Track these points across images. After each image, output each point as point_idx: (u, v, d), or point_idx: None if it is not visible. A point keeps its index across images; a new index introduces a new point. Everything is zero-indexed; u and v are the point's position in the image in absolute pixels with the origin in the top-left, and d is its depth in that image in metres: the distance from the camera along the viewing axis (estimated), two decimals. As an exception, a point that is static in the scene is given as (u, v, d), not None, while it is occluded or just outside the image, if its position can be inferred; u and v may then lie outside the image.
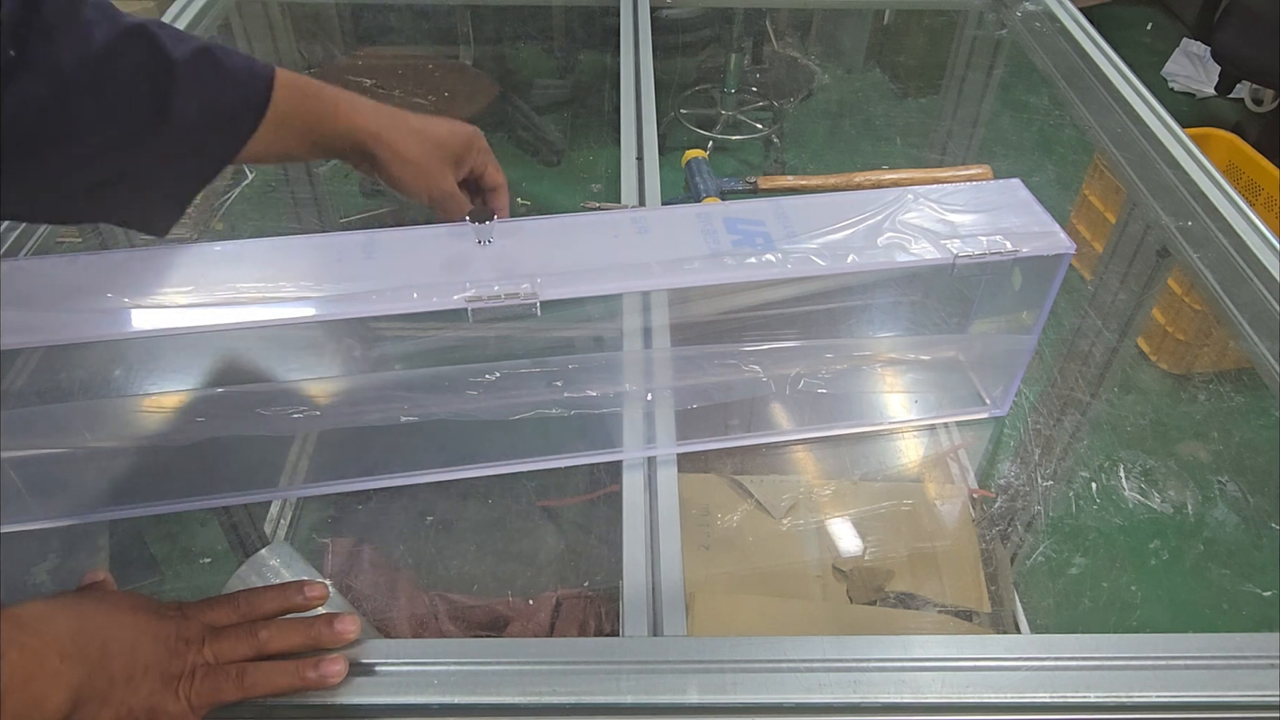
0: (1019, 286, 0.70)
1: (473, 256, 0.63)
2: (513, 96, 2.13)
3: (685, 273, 0.61)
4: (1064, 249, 0.66)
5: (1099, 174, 1.33)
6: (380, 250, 0.63)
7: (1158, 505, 0.86)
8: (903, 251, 0.64)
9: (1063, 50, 1.22)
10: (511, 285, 0.59)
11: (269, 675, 0.51)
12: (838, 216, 0.66)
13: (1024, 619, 0.85)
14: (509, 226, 0.65)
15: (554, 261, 0.62)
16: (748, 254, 0.62)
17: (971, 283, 0.68)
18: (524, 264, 0.61)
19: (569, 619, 0.82)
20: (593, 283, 0.61)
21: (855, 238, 0.65)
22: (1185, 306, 1.20)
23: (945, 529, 0.84)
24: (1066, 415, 0.92)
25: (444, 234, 0.65)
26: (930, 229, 0.66)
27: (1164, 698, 0.52)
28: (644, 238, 0.64)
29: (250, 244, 0.64)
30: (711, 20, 2.23)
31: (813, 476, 0.88)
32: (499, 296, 0.58)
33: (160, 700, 0.48)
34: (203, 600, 0.54)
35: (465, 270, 0.61)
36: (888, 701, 0.52)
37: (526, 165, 2.18)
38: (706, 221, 0.66)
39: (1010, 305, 0.74)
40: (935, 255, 0.64)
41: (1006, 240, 0.66)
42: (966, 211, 0.68)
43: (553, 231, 0.66)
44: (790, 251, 0.63)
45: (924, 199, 0.69)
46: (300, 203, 1.38)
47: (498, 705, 0.52)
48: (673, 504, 0.66)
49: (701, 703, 0.52)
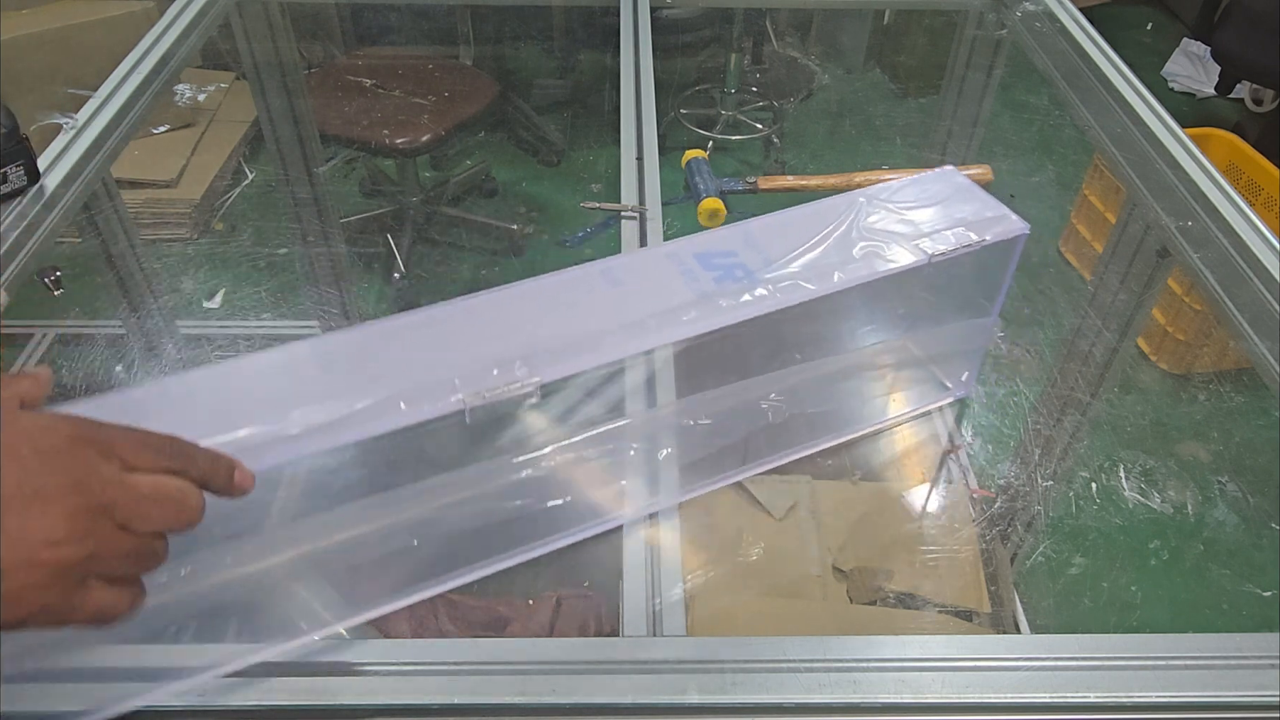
0: (979, 272, 0.71)
1: (443, 346, 0.56)
2: (513, 96, 2.13)
3: (684, 324, 0.58)
4: (1021, 230, 0.68)
5: (1099, 174, 1.33)
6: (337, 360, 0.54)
7: (1158, 505, 0.86)
8: (880, 259, 0.64)
9: (1063, 50, 1.23)
10: (506, 374, 0.53)
11: None
12: (804, 233, 0.65)
13: (1024, 619, 0.85)
14: (465, 306, 0.58)
15: (536, 336, 0.56)
16: (736, 289, 0.60)
17: (936, 278, 0.68)
18: (504, 346, 0.55)
19: (569, 619, 0.82)
20: (592, 353, 0.56)
21: (830, 252, 0.64)
22: (1185, 306, 1.20)
23: (945, 529, 0.84)
24: (1066, 415, 0.92)
25: (404, 326, 0.57)
26: (896, 231, 0.66)
27: (1164, 698, 0.52)
28: (622, 289, 0.60)
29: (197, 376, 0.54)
30: (711, 20, 2.23)
31: (813, 476, 0.88)
32: (498, 389, 0.52)
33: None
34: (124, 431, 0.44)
35: (444, 365, 0.54)
36: (888, 701, 0.52)
37: (526, 165, 2.18)
38: (679, 261, 0.63)
39: (969, 292, 0.75)
40: (911, 258, 0.64)
41: (970, 231, 0.66)
42: (920, 207, 0.69)
43: (518, 302, 0.59)
44: (777, 279, 0.61)
45: (877, 200, 0.69)
46: (300, 203, 1.38)
47: (498, 705, 0.52)
48: (673, 504, 0.66)
49: (701, 703, 0.52)
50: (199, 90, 2.09)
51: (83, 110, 1.05)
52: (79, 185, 0.97)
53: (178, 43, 1.20)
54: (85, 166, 0.98)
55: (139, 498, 0.42)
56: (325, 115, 1.79)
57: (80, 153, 0.98)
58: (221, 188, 1.74)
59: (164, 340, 1.06)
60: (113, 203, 1.06)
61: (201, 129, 1.97)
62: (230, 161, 1.84)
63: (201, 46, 1.26)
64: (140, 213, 1.66)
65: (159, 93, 1.13)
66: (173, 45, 1.18)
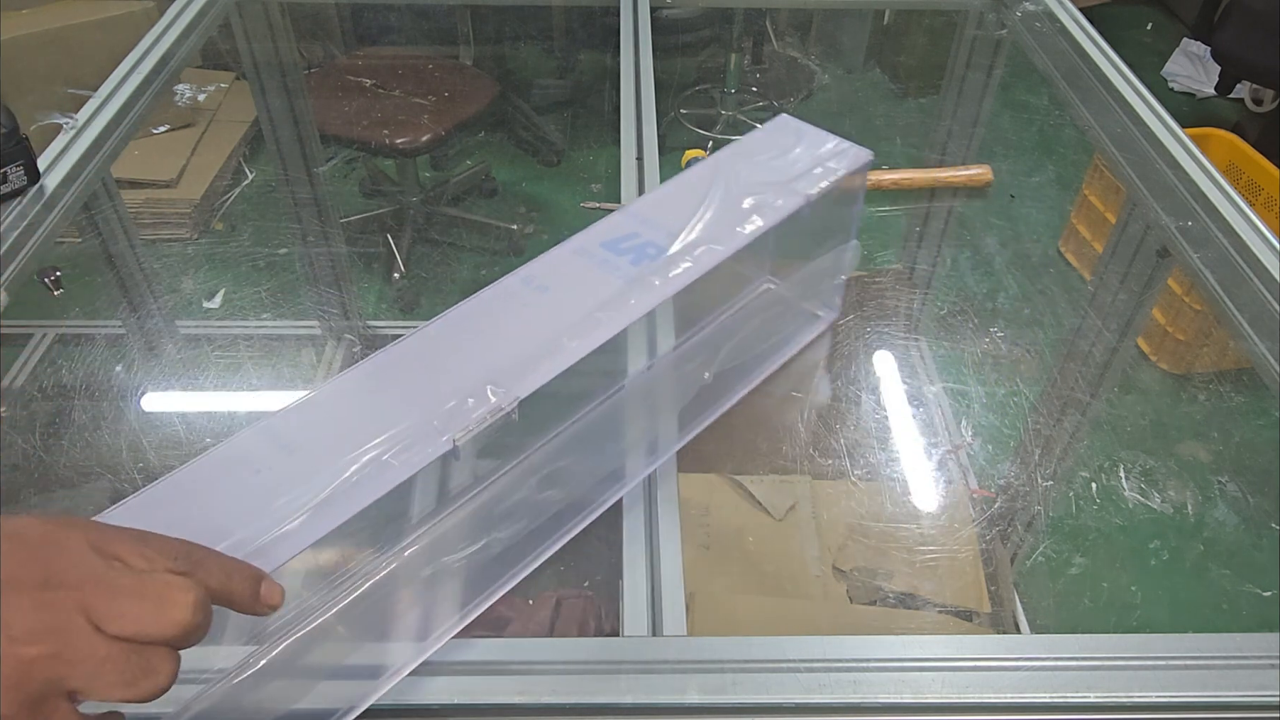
0: (838, 203, 0.75)
1: (402, 393, 0.53)
2: (513, 96, 2.14)
3: (631, 308, 0.58)
4: (868, 156, 0.72)
5: (1099, 174, 1.33)
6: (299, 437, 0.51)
7: (1158, 505, 0.86)
8: (770, 208, 0.66)
9: (1063, 50, 1.23)
10: (481, 400, 0.51)
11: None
12: (690, 201, 0.67)
13: (1024, 619, 0.85)
14: (403, 350, 0.56)
15: (493, 357, 0.54)
16: (659, 266, 0.61)
17: (807, 216, 0.70)
18: (466, 376, 0.53)
19: (569, 619, 0.82)
20: (555, 358, 0.54)
21: (724, 212, 0.66)
22: (1185, 306, 1.20)
23: (945, 529, 0.84)
24: (1066, 415, 0.92)
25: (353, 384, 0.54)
26: (769, 180, 0.69)
27: (1164, 698, 0.52)
28: (551, 294, 0.60)
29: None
30: (711, 20, 2.23)
31: (813, 476, 0.88)
32: (480, 417, 0.51)
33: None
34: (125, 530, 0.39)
35: (414, 410, 0.52)
36: (888, 701, 0.52)
37: (526, 165, 2.18)
38: (589, 254, 0.63)
39: (830, 223, 0.79)
40: (795, 199, 0.67)
41: (830, 166, 0.70)
42: (778, 156, 0.72)
43: (455, 331, 0.57)
44: (690, 247, 0.63)
45: (738, 158, 0.72)
46: (300, 203, 1.38)
47: (498, 705, 0.52)
48: (673, 504, 0.67)
49: (701, 703, 0.52)
50: (199, 90, 2.09)
51: (83, 110, 1.05)
52: (79, 185, 0.97)
53: (178, 43, 1.20)
54: (85, 166, 0.98)
55: (116, 592, 0.36)
56: (325, 115, 1.79)
57: (80, 153, 0.98)
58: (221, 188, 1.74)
59: (164, 340, 1.06)
60: (113, 203, 1.06)
61: (201, 129, 1.97)
62: (230, 161, 1.84)
63: (201, 46, 1.26)
64: (140, 213, 1.66)
65: (159, 93, 1.13)
66: (173, 45, 1.18)
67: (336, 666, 0.55)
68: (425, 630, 0.57)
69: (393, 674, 0.54)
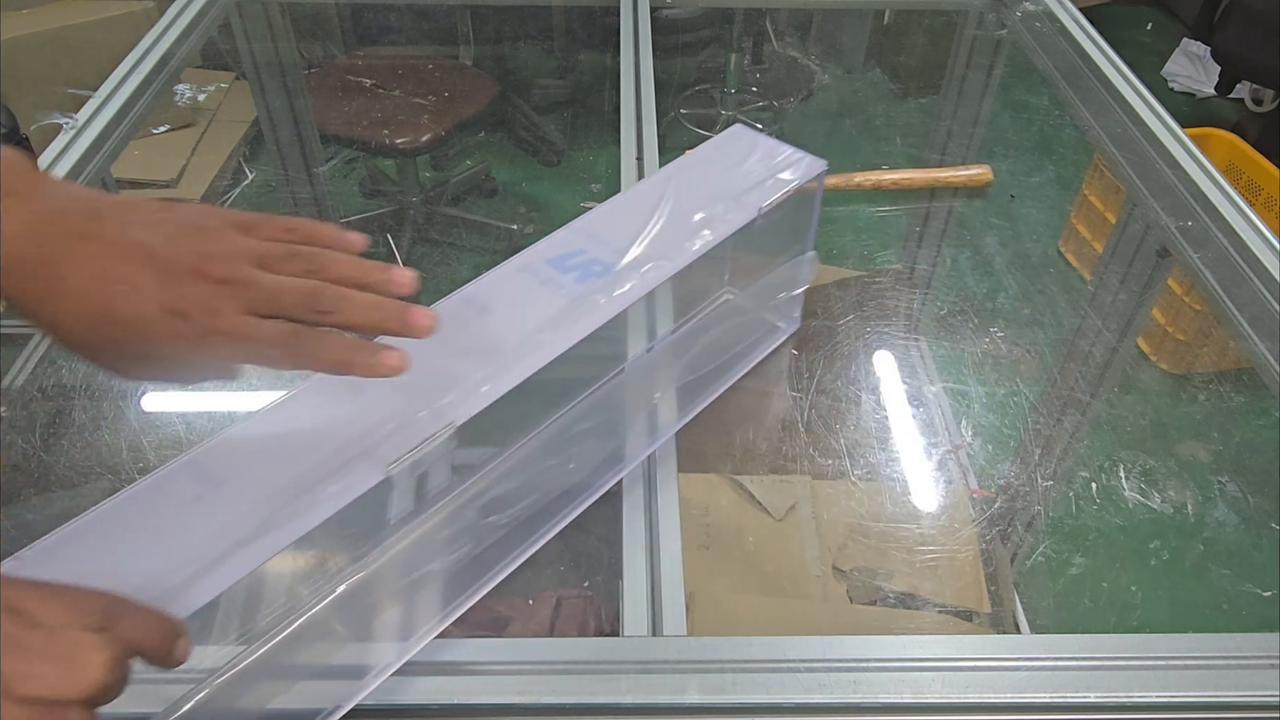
0: (793, 213, 0.74)
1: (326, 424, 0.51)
2: (513, 96, 2.14)
3: (574, 328, 0.57)
4: (821, 166, 0.71)
5: (1099, 174, 1.33)
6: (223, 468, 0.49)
7: (1158, 505, 0.86)
8: (719, 222, 0.65)
9: (1063, 50, 1.23)
10: (418, 426, 0.49)
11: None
12: (638, 216, 0.66)
13: (1024, 619, 0.85)
14: (333, 378, 0.50)
15: (429, 383, 0.52)
16: (603, 285, 0.59)
17: (762, 227, 0.69)
18: (399, 402, 0.51)
19: (569, 619, 0.82)
20: (497, 381, 0.53)
21: (671, 227, 0.64)
22: (1185, 306, 1.20)
23: (945, 529, 0.84)
24: (1066, 415, 0.92)
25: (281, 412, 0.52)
26: (720, 193, 0.68)
27: (1164, 698, 0.52)
28: (493, 314, 0.58)
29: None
30: (711, 20, 2.23)
31: (813, 476, 0.88)
32: (420, 446, 0.49)
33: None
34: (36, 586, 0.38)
35: (347, 438, 0.50)
36: (888, 701, 0.52)
37: (526, 165, 2.18)
38: (535, 272, 0.61)
39: (786, 234, 0.78)
40: (745, 214, 0.66)
41: (783, 177, 0.69)
42: (730, 167, 0.71)
43: None
44: (636, 264, 0.61)
45: (689, 170, 0.71)
46: (300, 203, 1.38)
47: (498, 705, 0.52)
48: (673, 504, 0.67)
49: (701, 703, 0.52)
50: (199, 90, 2.09)
51: (83, 110, 1.05)
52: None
53: (178, 43, 1.20)
54: (85, 166, 0.98)
55: (25, 652, 0.35)
56: (325, 115, 1.79)
57: (80, 153, 0.98)
58: (221, 188, 1.74)
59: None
60: (113, 203, 1.06)
61: (201, 129, 1.97)
62: (230, 161, 1.84)
63: (201, 46, 1.26)
64: (140, 213, 1.66)
65: (159, 93, 1.13)
66: (173, 45, 1.18)
67: (333, 660, 0.55)
68: (410, 628, 0.57)
69: (418, 639, 0.54)
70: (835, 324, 0.99)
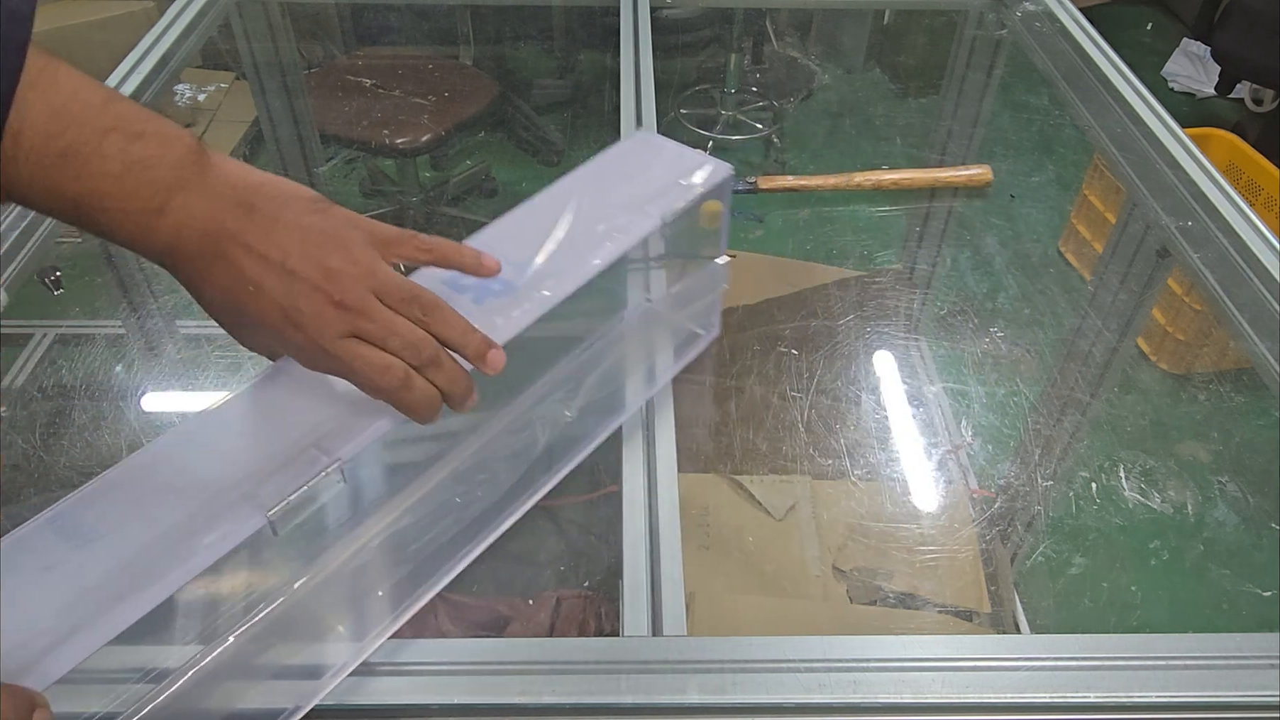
0: (698, 221, 0.72)
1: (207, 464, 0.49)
2: (513, 96, 2.13)
3: (502, 328, 0.54)
4: (728, 172, 0.69)
5: (1099, 174, 1.33)
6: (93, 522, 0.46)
7: (1158, 505, 0.86)
8: (624, 233, 0.63)
9: (1063, 50, 1.23)
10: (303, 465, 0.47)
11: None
12: (538, 231, 0.63)
13: (1024, 619, 0.85)
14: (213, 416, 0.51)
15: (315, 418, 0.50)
16: (502, 305, 0.57)
17: (671, 234, 0.67)
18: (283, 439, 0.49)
19: (569, 619, 0.82)
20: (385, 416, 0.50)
21: (573, 241, 0.62)
22: (1185, 306, 1.20)
23: (945, 529, 0.84)
24: (1066, 415, 0.92)
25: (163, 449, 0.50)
26: (624, 203, 0.65)
27: (1164, 698, 0.52)
28: None
29: None
30: (711, 20, 2.23)
31: (813, 476, 0.88)
32: (304, 487, 0.46)
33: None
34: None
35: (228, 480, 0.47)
36: (888, 701, 0.52)
37: (526, 165, 2.18)
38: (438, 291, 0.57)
39: (696, 241, 0.76)
40: (649, 222, 0.64)
41: (688, 183, 0.67)
42: (634, 175, 0.69)
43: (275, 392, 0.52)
44: (536, 280, 0.58)
45: (591, 180, 0.69)
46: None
47: (498, 705, 0.52)
48: (673, 504, 0.66)
49: (701, 703, 0.52)
50: (199, 90, 2.09)
51: (83, 110, 1.05)
52: (79, 185, 0.96)
53: (178, 43, 1.20)
54: (85, 166, 0.98)
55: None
56: (325, 115, 1.79)
57: (80, 153, 0.98)
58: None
59: (164, 340, 1.06)
60: (113, 203, 1.06)
61: (201, 129, 1.97)
62: (230, 161, 1.84)
63: (201, 46, 1.26)
64: (140, 213, 1.66)
65: (159, 93, 1.13)
66: (173, 45, 1.18)
67: (314, 644, 0.54)
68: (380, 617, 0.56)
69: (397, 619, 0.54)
70: (835, 324, 0.99)
